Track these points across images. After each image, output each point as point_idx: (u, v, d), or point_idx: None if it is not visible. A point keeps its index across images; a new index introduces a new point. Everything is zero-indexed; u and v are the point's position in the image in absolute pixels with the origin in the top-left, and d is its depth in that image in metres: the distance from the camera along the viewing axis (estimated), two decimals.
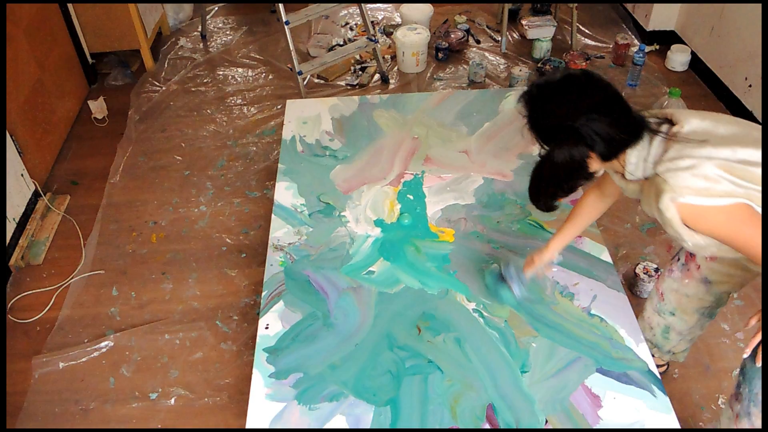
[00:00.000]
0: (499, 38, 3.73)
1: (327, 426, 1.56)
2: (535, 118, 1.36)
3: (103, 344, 2.19)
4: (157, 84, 3.56)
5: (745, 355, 1.40)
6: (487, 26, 3.94)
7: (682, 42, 3.55)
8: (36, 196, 2.76)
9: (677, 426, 1.52)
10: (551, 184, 1.40)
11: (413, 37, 3.47)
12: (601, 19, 3.95)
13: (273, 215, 2.17)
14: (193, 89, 3.53)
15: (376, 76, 3.54)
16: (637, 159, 1.36)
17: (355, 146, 2.44)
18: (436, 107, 2.62)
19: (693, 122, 1.37)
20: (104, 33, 3.48)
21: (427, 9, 3.80)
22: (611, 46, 3.63)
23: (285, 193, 2.24)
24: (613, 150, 1.34)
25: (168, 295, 2.37)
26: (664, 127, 1.36)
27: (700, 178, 1.27)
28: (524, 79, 3.34)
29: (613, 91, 1.34)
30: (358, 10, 3.74)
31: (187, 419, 1.98)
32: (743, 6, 2.97)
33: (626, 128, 1.33)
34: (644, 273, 2.29)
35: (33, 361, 2.15)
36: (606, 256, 1.95)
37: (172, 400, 2.03)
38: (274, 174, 2.41)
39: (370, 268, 1.95)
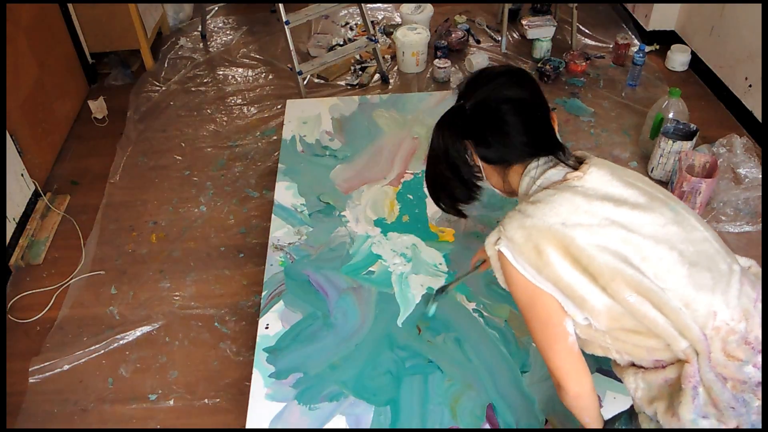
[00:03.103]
0: (499, 38, 3.73)
1: (327, 426, 1.56)
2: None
3: (102, 344, 2.19)
4: (157, 84, 3.56)
5: None
6: (487, 26, 3.94)
7: (682, 42, 3.55)
8: (36, 195, 2.75)
9: None
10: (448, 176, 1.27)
11: (413, 37, 3.47)
12: (601, 19, 3.95)
13: (273, 215, 2.17)
14: (193, 89, 3.53)
15: (376, 76, 3.54)
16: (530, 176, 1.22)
17: (355, 146, 2.43)
18: (436, 107, 2.62)
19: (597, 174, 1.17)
20: (104, 33, 3.48)
21: (427, 9, 3.80)
22: (611, 46, 3.63)
23: (285, 193, 2.24)
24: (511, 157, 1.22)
25: (167, 294, 2.37)
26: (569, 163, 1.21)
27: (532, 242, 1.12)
28: None
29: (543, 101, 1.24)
30: (358, 10, 3.73)
31: (187, 419, 1.98)
32: (743, 6, 2.97)
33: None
34: None
35: (32, 361, 2.15)
36: None
37: (171, 401, 2.03)
38: (274, 174, 2.41)
39: (370, 268, 1.95)
